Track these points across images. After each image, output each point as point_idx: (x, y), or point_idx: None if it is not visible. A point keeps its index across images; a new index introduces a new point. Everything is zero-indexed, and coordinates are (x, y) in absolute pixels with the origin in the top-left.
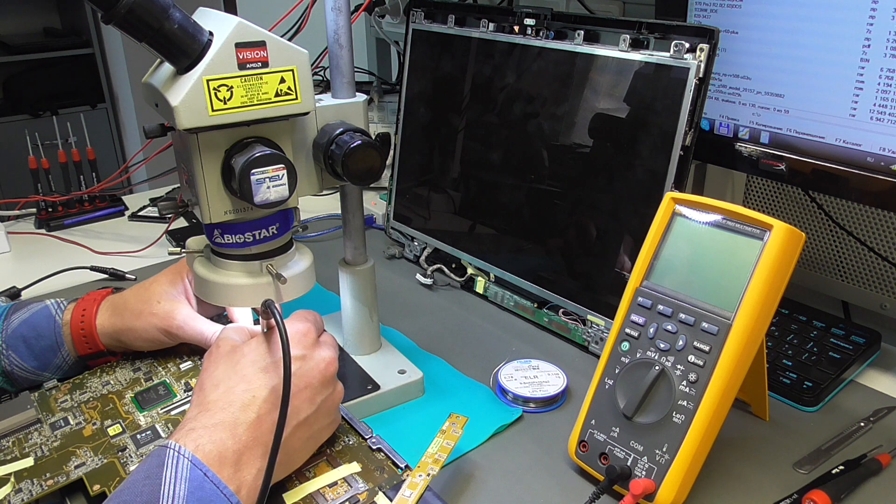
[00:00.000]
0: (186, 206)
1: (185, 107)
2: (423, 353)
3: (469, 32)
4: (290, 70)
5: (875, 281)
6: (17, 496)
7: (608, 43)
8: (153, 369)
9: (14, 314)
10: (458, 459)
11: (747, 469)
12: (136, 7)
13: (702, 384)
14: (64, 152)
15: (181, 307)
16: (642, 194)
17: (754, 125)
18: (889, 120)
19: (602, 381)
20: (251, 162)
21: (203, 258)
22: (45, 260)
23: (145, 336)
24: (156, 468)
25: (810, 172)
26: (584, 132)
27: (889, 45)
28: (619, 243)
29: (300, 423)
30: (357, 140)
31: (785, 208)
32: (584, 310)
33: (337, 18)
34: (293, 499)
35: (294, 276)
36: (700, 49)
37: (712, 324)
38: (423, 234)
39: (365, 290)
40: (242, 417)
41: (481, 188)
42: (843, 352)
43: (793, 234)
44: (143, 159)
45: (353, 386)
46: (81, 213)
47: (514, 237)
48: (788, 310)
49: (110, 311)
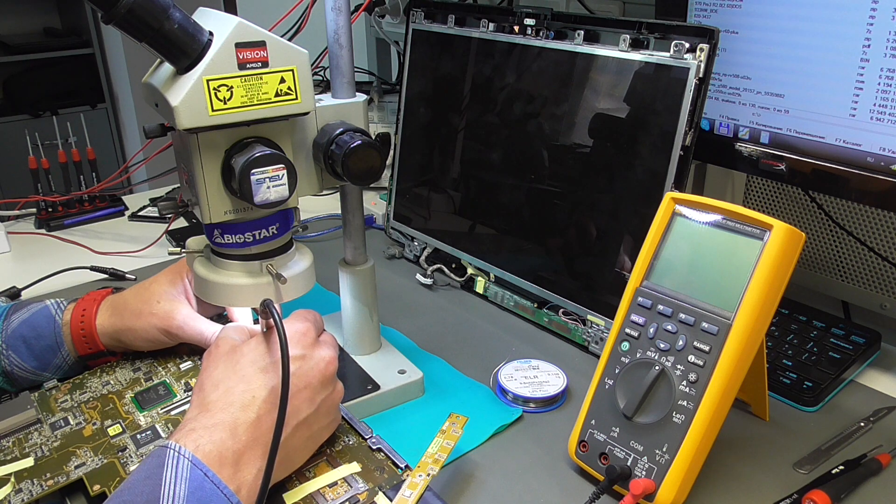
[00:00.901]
0: (186, 206)
1: (185, 107)
2: (423, 353)
3: (469, 32)
4: (290, 70)
5: (875, 281)
6: (18, 496)
7: (608, 43)
8: (153, 369)
9: (14, 314)
10: (458, 459)
11: (747, 469)
12: (136, 7)
13: (702, 384)
14: (64, 152)
15: (181, 307)
16: (642, 194)
17: (754, 125)
18: (889, 120)
19: (602, 381)
20: (251, 162)
21: (203, 258)
22: (45, 260)
23: (145, 336)
24: (156, 468)
25: (810, 172)
26: (584, 132)
27: (889, 45)
28: (619, 243)
29: (300, 422)
30: (357, 140)
31: (785, 208)
32: (584, 310)
33: (337, 18)
34: (293, 499)
35: (294, 276)
36: (700, 49)
37: (712, 324)
38: (423, 234)
39: (365, 290)
40: (242, 417)
41: (481, 188)
42: (843, 352)
43: (793, 234)
44: (143, 159)
45: (353, 386)
46: (81, 213)
47: (514, 237)
48: (788, 310)
49: (110, 311)
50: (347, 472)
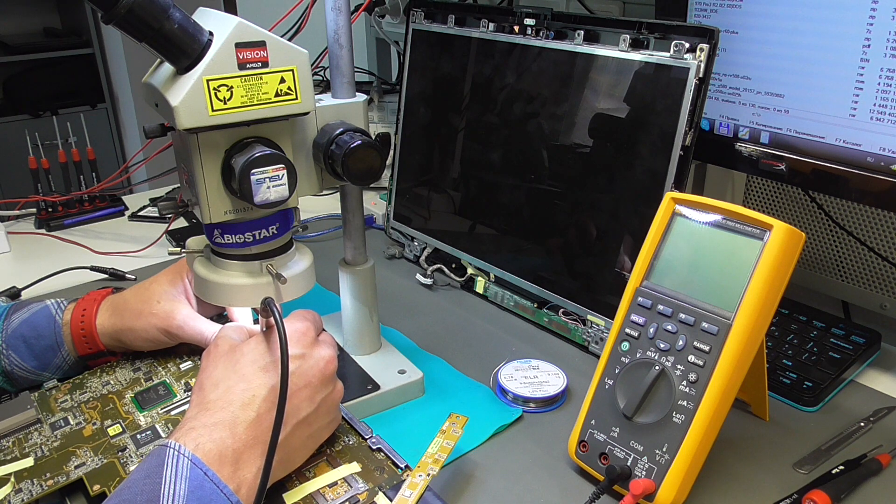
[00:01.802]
0: (186, 206)
1: (185, 107)
2: (423, 353)
3: (469, 32)
4: (290, 70)
5: (875, 281)
6: (17, 496)
7: (608, 43)
8: (153, 369)
9: (14, 314)
10: (458, 459)
11: (747, 469)
12: (136, 7)
13: (702, 384)
14: (64, 152)
15: (181, 307)
16: (642, 194)
17: (754, 125)
18: (889, 120)
19: (602, 381)
20: (251, 162)
21: (203, 258)
22: (45, 260)
23: (145, 336)
24: (156, 467)
25: (810, 172)
26: (584, 132)
27: (889, 45)
28: (619, 243)
29: (300, 421)
30: (357, 140)
31: (785, 208)
32: (584, 310)
33: (337, 18)
34: (293, 499)
35: (294, 276)
36: (700, 49)
37: (712, 324)
38: (423, 234)
39: (365, 290)
40: (242, 416)
41: (481, 188)
42: (843, 352)
43: (793, 234)
44: (143, 159)
45: (353, 386)
46: (81, 213)
47: (514, 237)
48: (788, 310)
49: (110, 311)
50: (347, 472)
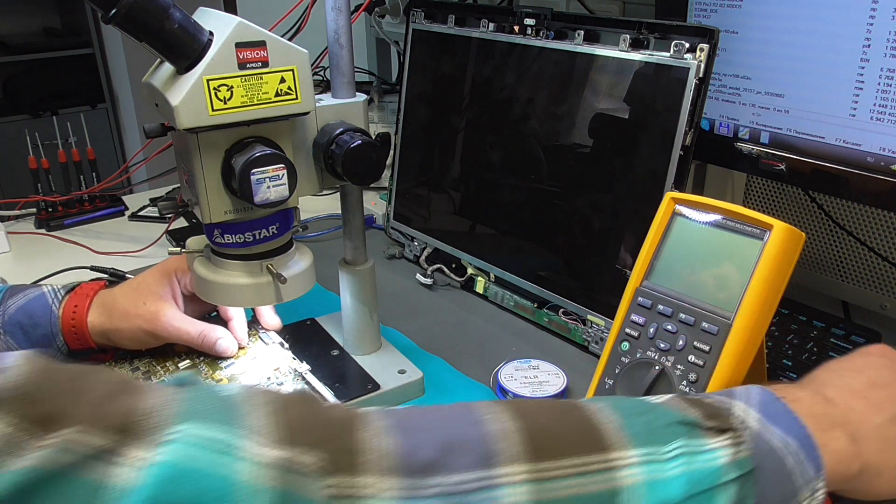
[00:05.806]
0: (186, 206)
1: (185, 107)
2: (423, 353)
3: (469, 32)
4: (290, 70)
5: (875, 281)
6: None
7: (608, 43)
8: (152, 369)
9: (10, 298)
10: None
11: None
12: (136, 7)
13: (702, 384)
14: (64, 152)
15: (166, 308)
16: (642, 194)
17: (754, 125)
18: (889, 120)
19: (602, 381)
20: (251, 162)
21: (203, 258)
22: (45, 260)
23: (131, 337)
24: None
25: (810, 172)
26: (584, 132)
27: (889, 45)
28: (620, 243)
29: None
30: (357, 140)
31: (785, 208)
32: (584, 310)
33: (337, 18)
34: None
35: (294, 276)
36: (700, 49)
37: (712, 324)
38: (423, 234)
39: (365, 290)
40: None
41: (481, 188)
42: (843, 352)
43: (793, 234)
44: (143, 159)
45: (353, 386)
46: (81, 213)
47: (514, 237)
48: (788, 310)
49: (100, 310)
50: None
